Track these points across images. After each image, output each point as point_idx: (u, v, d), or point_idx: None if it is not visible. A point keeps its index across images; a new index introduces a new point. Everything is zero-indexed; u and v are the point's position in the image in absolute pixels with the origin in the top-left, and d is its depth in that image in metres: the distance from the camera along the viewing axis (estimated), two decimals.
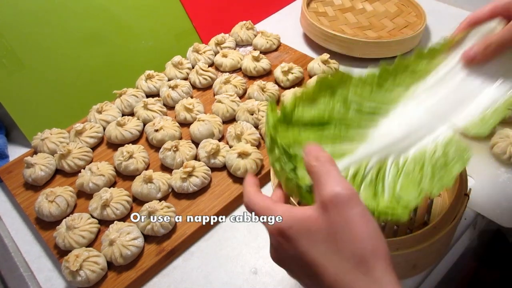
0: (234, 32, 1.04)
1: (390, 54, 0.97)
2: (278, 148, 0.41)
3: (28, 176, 0.72)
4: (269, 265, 0.62)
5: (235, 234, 0.67)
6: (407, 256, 0.50)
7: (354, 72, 0.93)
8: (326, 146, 0.45)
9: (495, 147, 0.72)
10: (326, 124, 0.47)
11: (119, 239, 0.61)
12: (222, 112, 0.82)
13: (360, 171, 0.43)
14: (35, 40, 0.85)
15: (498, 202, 0.66)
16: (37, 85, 0.85)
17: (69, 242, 0.62)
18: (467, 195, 0.53)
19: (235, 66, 0.95)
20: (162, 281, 0.63)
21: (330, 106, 0.48)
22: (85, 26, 0.91)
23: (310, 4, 1.11)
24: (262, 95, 0.84)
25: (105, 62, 0.93)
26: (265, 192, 0.73)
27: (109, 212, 0.66)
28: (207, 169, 0.72)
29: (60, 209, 0.67)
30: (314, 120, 0.47)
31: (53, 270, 0.65)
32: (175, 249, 0.64)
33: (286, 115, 0.46)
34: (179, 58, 0.94)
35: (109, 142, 0.81)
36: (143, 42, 0.98)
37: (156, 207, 0.63)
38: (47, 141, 0.77)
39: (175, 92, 0.86)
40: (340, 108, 0.48)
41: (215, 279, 0.62)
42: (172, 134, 0.78)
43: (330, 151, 0.42)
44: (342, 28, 1.03)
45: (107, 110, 0.84)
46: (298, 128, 0.46)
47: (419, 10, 1.06)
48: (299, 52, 1.00)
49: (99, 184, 0.70)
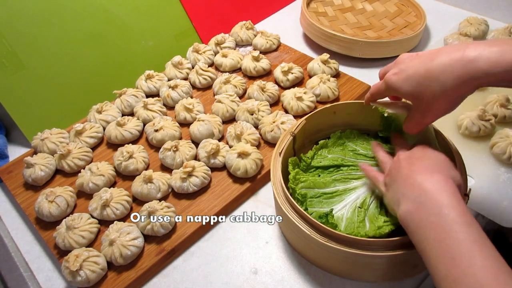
0: (234, 32, 1.04)
1: (390, 54, 0.97)
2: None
3: (28, 176, 0.72)
4: (269, 265, 0.62)
5: (235, 234, 0.67)
6: (407, 256, 0.50)
7: (354, 72, 0.93)
8: (340, 184, 0.61)
9: (495, 147, 0.72)
10: (341, 166, 0.64)
11: (119, 239, 0.61)
12: (222, 112, 0.82)
13: (367, 199, 0.59)
14: (35, 40, 0.85)
15: (498, 202, 0.66)
16: (37, 85, 0.85)
17: (69, 242, 0.62)
18: (467, 195, 0.53)
19: (235, 66, 0.95)
20: (162, 281, 0.63)
21: (343, 154, 0.65)
22: (85, 26, 0.91)
23: (310, 4, 1.11)
24: (262, 95, 0.84)
25: (105, 62, 0.93)
26: (265, 191, 0.73)
27: (109, 212, 0.66)
28: (207, 169, 0.72)
29: (60, 209, 0.67)
30: (330, 164, 0.64)
31: (53, 270, 0.65)
32: (175, 249, 0.64)
33: (307, 165, 0.65)
34: (179, 58, 0.94)
35: (109, 142, 0.81)
36: (143, 42, 0.98)
37: (156, 207, 0.63)
38: (47, 141, 0.77)
39: (175, 92, 0.86)
40: (351, 156, 0.65)
41: (215, 279, 0.62)
42: (172, 134, 0.78)
43: (343, 188, 0.61)
44: (342, 28, 1.03)
45: (107, 110, 0.84)
46: (317, 172, 0.65)
47: (419, 10, 1.06)
48: (299, 52, 1.00)
49: (99, 184, 0.70)
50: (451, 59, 0.46)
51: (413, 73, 0.49)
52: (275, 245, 0.65)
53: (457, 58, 0.45)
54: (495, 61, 0.43)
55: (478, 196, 0.66)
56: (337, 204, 0.59)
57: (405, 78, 0.50)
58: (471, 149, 0.74)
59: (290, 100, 0.82)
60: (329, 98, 0.85)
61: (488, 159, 0.72)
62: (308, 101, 0.82)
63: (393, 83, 0.51)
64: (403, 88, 0.50)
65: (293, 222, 0.54)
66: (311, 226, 0.53)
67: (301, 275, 0.61)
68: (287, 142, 0.63)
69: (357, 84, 0.89)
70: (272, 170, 0.60)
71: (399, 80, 0.51)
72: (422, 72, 0.48)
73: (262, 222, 0.67)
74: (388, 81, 0.52)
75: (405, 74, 0.50)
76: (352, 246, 0.51)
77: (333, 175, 0.63)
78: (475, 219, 0.41)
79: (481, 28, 0.98)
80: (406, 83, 0.50)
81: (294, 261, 0.62)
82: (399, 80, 0.51)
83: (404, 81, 0.50)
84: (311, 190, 0.61)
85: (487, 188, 0.68)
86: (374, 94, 0.58)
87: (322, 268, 0.61)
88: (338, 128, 0.70)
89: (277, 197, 0.57)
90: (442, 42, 0.97)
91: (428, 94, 0.48)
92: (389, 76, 0.52)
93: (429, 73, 0.47)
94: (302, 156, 0.66)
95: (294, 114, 0.81)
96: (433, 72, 0.47)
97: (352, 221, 0.56)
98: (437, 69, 0.47)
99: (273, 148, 0.67)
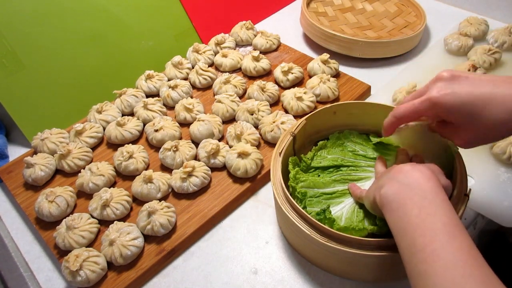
0: (234, 32, 1.04)
1: (390, 54, 0.97)
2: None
3: (28, 176, 0.72)
4: (269, 265, 0.62)
5: (235, 234, 0.67)
6: None
7: (354, 72, 0.93)
8: (339, 185, 0.62)
9: (495, 147, 0.71)
10: (340, 167, 0.64)
11: (119, 239, 0.61)
12: (222, 112, 0.82)
13: None
14: (35, 40, 0.85)
15: (498, 202, 0.66)
16: (37, 85, 0.85)
17: (69, 242, 0.62)
18: (467, 195, 0.53)
19: (235, 66, 0.95)
20: (162, 281, 0.63)
21: (342, 155, 0.65)
22: (85, 26, 0.91)
23: (310, 4, 1.11)
24: (262, 95, 0.84)
25: (105, 62, 0.93)
26: (265, 191, 0.73)
27: (109, 212, 0.66)
28: (207, 169, 0.72)
29: (60, 209, 0.67)
30: (330, 165, 0.64)
31: (53, 270, 0.65)
32: (175, 249, 0.64)
33: (307, 166, 0.65)
34: (179, 58, 0.94)
35: (109, 142, 0.81)
36: (143, 42, 0.98)
37: (156, 207, 0.63)
38: (47, 141, 0.77)
39: (175, 92, 0.86)
40: (350, 157, 0.65)
41: (215, 279, 0.62)
42: (172, 134, 0.78)
43: (342, 188, 0.61)
44: (342, 28, 1.03)
45: (107, 110, 0.84)
46: (316, 172, 0.65)
47: (419, 10, 1.06)
48: (299, 52, 1.00)
49: (99, 184, 0.70)
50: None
51: (471, 96, 0.46)
52: (275, 245, 0.65)
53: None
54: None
55: (478, 196, 0.66)
56: (336, 205, 0.59)
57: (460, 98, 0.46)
58: (471, 149, 0.74)
59: (290, 100, 0.82)
60: (329, 98, 0.85)
61: (488, 159, 0.72)
62: (308, 101, 0.82)
63: (446, 101, 0.47)
64: (458, 107, 0.47)
65: (293, 222, 0.54)
66: (311, 226, 0.53)
67: (301, 275, 0.61)
68: (287, 142, 0.63)
69: (357, 84, 0.89)
70: (272, 170, 0.60)
71: (453, 98, 0.47)
72: (485, 96, 0.45)
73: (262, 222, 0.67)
74: (440, 99, 0.47)
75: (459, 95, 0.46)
76: (352, 246, 0.51)
77: (333, 175, 0.64)
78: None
79: (481, 28, 0.98)
80: (461, 103, 0.46)
81: (294, 261, 0.62)
82: (452, 98, 0.47)
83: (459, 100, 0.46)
84: (311, 189, 0.61)
85: (487, 188, 0.68)
86: (407, 115, 0.51)
87: (322, 268, 0.61)
88: (338, 128, 0.70)
89: (277, 197, 0.57)
90: (442, 42, 0.97)
91: (484, 120, 0.46)
92: (439, 94, 0.47)
93: (493, 98, 0.45)
94: (302, 156, 0.66)
95: (294, 114, 0.81)
96: (497, 97, 0.45)
97: (351, 221, 0.56)
98: (501, 95, 0.45)
99: (273, 148, 0.67)
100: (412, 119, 0.53)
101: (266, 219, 0.69)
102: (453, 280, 0.36)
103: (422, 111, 0.50)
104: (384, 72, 0.96)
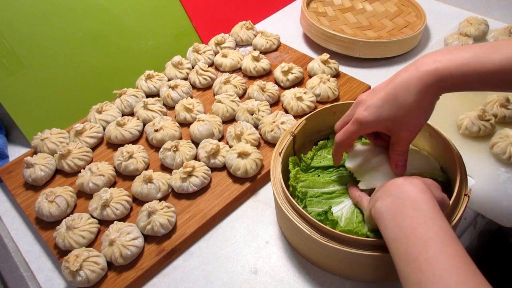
0: (234, 32, 1.04)
1: (390, 54, 0.97)
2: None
3: (28, 176, 0.72)
4: (269, 265, 0.62)
5: (235, 234, 0.67)
6: None
7: (354, 72, 0.93)
8: (339, 185, 0.62)
9: (495, 147, 0.71)
10: (340, 167, 0.64)
11: (119, 239, 0.61)
12: (222, 112, 0.82)
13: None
14: (35, 40, 0.85)
15: (498, 202, 0.66)
16: (37, 85, 0.85)
17: (69, 242, 0.62)
18: (467, 195, 0.53)
19: (235, 66, 0.95)
20: (162, 281, 0.63)
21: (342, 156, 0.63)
22: (85, 26, 0.91)
23: (310, 4, 1.11)
24: (262, 95, 0.84)
25: (105, 62, 0.93)
26: (265, 191, 0.73)
27: (109, 212, 0.66)
28: (207, 169, 0.72)
29: (60, 209, 0.67)
30: (330, 165, 0.65)
31: (53, 270, 0.65)
32: (175, 249, 0.64)
33: (307, 166, 0.66)
34: (179, 58, 0.94)
35: (109, 142, 0.81)
36: (143, 42, 0.98)
37: (156, 207, 0.63)
38: (47, 141, 0.77)
39: (175, 92, 0.86)
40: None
41: (215, 279, 0.62)
42: (172, 134, 0.78)
43: (342, 188, 0.62)
44: (342, 28, 1.03)
45: (107, 110, 0.84)
46: (316, 172, 0.65)
47: (419, 10, 1.06)
48: (299, 52, 1.00)
49: (99, 184, 0.70)
50: (408, 73, 0.49)
51: (381, 102, 0.51)
52: (275, 245, 0.65)
53: (412, 69, 0.49)
54: (462, 63, 0.46)
55: (478, 196, 0.66)
56: (336, 205, 0.59)
57: (375, 110, 0.51)
58: (471, 149, 0.74)
59: (290, 100, 0.82)
60: (329, 98, 0.85)
61: (488, 159, 0.72)
62: (308, 101, 0.82)
63: (366, 117, 0.52)
64: (379, 118, 0.52)
65: (293, 222, 0.54)
66: (311, 226, 0.53)
67: (301, 275, 0.61)
68: (287, 142, 0.63)
69: (357, 84, 0.89)
70: (272, 170, 0.61)
71: (372, 113, 0.52)
72: (389, 97, 0.50)
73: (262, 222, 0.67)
74: (362, 119, 0.53)
75: (374, 107, 0.52)
76: (352, 246, 0.51)
77: (333, 175, 0.64)
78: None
79: (481, 28, 0.98)
80: (378, 113, 0.51)
81: (294, 261, 0.62)
82: (371, 114, 0.52)
83: (377, 113, 0.51)
84: (311, 189, 0.61)
85: (487, 188, 0.68)
86: (345, 139, 0.56)
87: (322, 268, 0.61)
88: None
89: (277, 197, 0.57)
90: (442, 42, 0.97)
91: (401, 112, 0.50)
92: (360, 114, 0.53)
93: (395, 93, 0.50)
94: (302, 156, 0.66)
95: (294, 114, 0.81)
96: (398, 90, 0.49)
97: (351, 221, 0.56)
98: (399, 85, 0.49)
99: (273, 148, 0.67)
100: (352, 141, 0.58)
101: (266, 219, 0.69)
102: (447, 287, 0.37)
103: (356, 132, 0.55)
104: (384, 72, 0.96)
